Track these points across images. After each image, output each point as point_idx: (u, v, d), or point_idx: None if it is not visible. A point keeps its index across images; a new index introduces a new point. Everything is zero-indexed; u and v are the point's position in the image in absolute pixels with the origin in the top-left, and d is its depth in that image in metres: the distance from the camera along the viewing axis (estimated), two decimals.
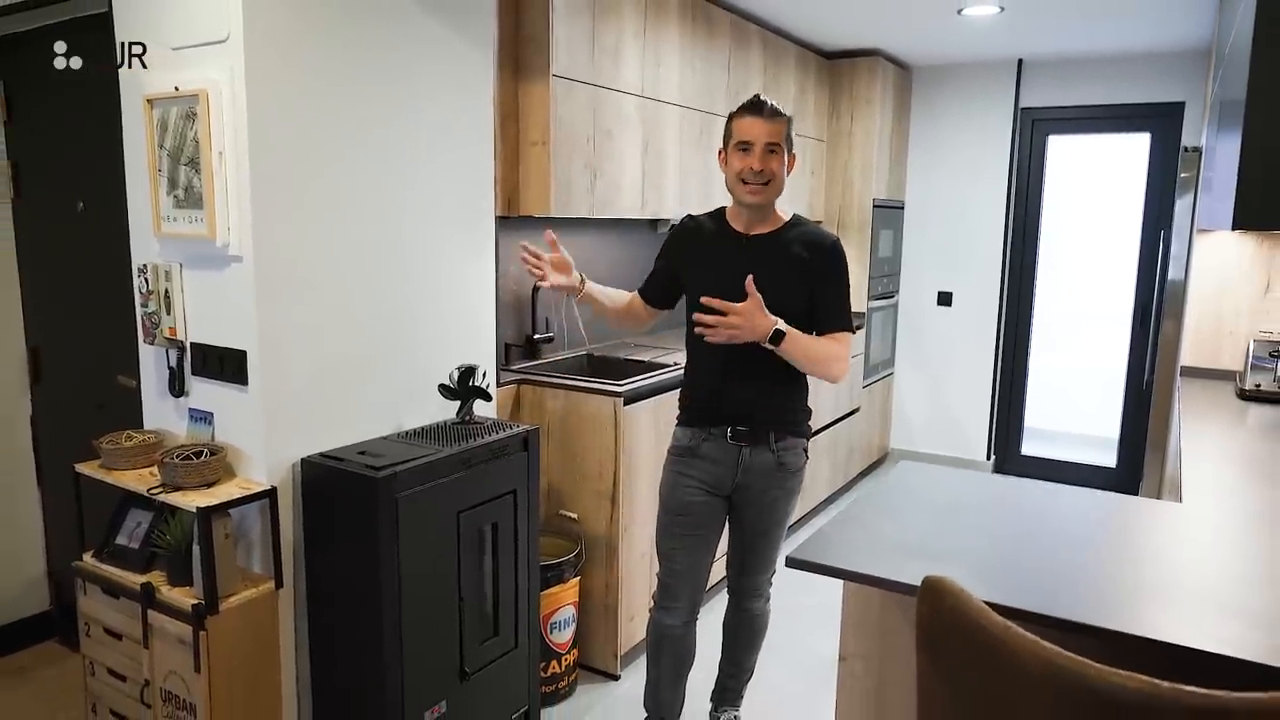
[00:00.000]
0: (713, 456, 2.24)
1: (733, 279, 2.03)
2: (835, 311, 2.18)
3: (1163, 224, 4.73)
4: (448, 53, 2.49)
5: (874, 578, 1.38)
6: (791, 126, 2.14)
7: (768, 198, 2.15)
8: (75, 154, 2.68)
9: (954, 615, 1.06)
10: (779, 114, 2.11)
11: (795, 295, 2.13)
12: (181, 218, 2.15)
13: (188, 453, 2.14)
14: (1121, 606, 1.30)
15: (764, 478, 2.24)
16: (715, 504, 2.29)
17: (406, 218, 2.43)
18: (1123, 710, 0.89)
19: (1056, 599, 1.30)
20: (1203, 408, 2.74)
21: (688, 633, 2.39)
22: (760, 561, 2.39)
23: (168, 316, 2.24)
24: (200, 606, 2.02)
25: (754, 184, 2.11)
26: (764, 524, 2.31)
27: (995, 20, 4.02)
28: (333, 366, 2.27)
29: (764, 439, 2.21)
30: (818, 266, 2.15)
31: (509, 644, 2.49)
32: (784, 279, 2.12)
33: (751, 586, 2.43)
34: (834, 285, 2.17)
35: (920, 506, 1.75)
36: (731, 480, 2.25)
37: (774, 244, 2.18)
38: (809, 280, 2.15)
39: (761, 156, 2.09)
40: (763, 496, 2.27)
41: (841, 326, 2.18)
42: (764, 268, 2.08)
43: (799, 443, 2.28)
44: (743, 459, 2.22)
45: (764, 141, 2.09)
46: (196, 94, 2.03)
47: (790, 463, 2.26)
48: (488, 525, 2.39)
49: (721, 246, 2.22)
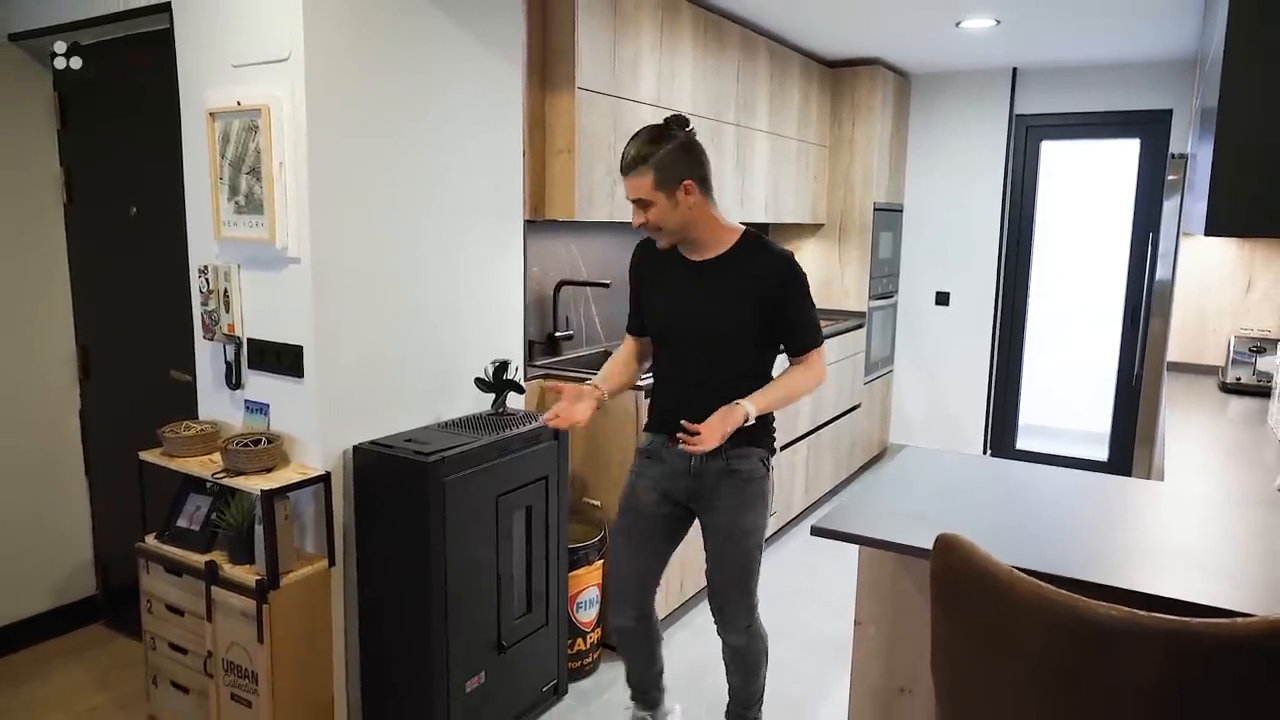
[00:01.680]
0: (670, 462, 2.22)
1: (683, 306, 2.15)
2: (800, 331, 2.15)
3: (1151, 227, 4.93)
4: (481, 67, 2.67)
5: (891, 543, 1.55)
6: (663, 166, 2.01)
7: (672, 240, 2.14)
8: (129, 161, 2.84)
9: (964, 565, 1.24)
10: (636, 164, 2.03)
11: (747, 317, 2.10)
12: (242, 222, 2.32)
13: (247, 440, 2.30)
14: (1109, 565, 1.48)
15: (717, 485, 2.18)
16: (669, 510, 2.26)
17: (444, 221, 2.60)
18: (1108, 636, 1.07)
19: (1051, 559, 1.48)
20: (1187, 400, 2.93)
21: (643, 626, 2.38)
22: (726, 584, 2.25)
23: (226, 314, 2.41)
24: (263, 582, 2.19)
25: (648, 232, 2.12)
26: (722, 537, 2.21)
27: (992, 31, 4.21)
28: (378, 360, 2.44)
29: (718, 448, 2.11)
30: (772, 292, 2.09)
31: (540, 621, 2.66)
32: (734, 304, 2.10)
33: (726, 616, 2.27)
34: (794, 305, 2.12)
35: (927, 484, 1.93)
36: (685, 487, 2.22)
37: (722, 269, 2.13)
38: (763, 304, 2.10)
39: (635, 213, 2.09)
40: (719, 503, 2.20)
41: (810, 345, 2.16)
42: (713, 293, 2.12)
43: (754, 452, 2.19)
44: (694, 467, 2.19)
45: (630, 198, 2.07)
46: (259, 108, 2.20)
47: (744, 470, 2.17)
48: (522, 509, 2.56)
49: (672, 273, 2.19)
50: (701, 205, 2.09)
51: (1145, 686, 1.06)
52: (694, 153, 2.07)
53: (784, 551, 4.12)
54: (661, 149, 2.02)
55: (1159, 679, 1.05)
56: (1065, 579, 1.40)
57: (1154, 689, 1.06)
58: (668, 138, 2.04)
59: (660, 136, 2.04)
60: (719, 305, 2.11)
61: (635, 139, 2.05)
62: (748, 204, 4.21)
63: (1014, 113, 5.24)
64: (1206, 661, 1.02)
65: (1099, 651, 1.08)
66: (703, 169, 2.08)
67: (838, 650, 3.18)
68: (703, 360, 2.16)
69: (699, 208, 2.09)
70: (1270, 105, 1.50)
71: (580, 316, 3.59)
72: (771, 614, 3.45)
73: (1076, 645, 1.10)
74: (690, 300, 2.15)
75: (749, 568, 2.24)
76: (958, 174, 5.40)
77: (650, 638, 2.42)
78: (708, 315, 2.13)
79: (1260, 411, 2.79)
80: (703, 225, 2.12)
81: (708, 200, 2.11)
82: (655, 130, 2.06)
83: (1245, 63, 1.57)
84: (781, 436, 4.08)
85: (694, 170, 2.06)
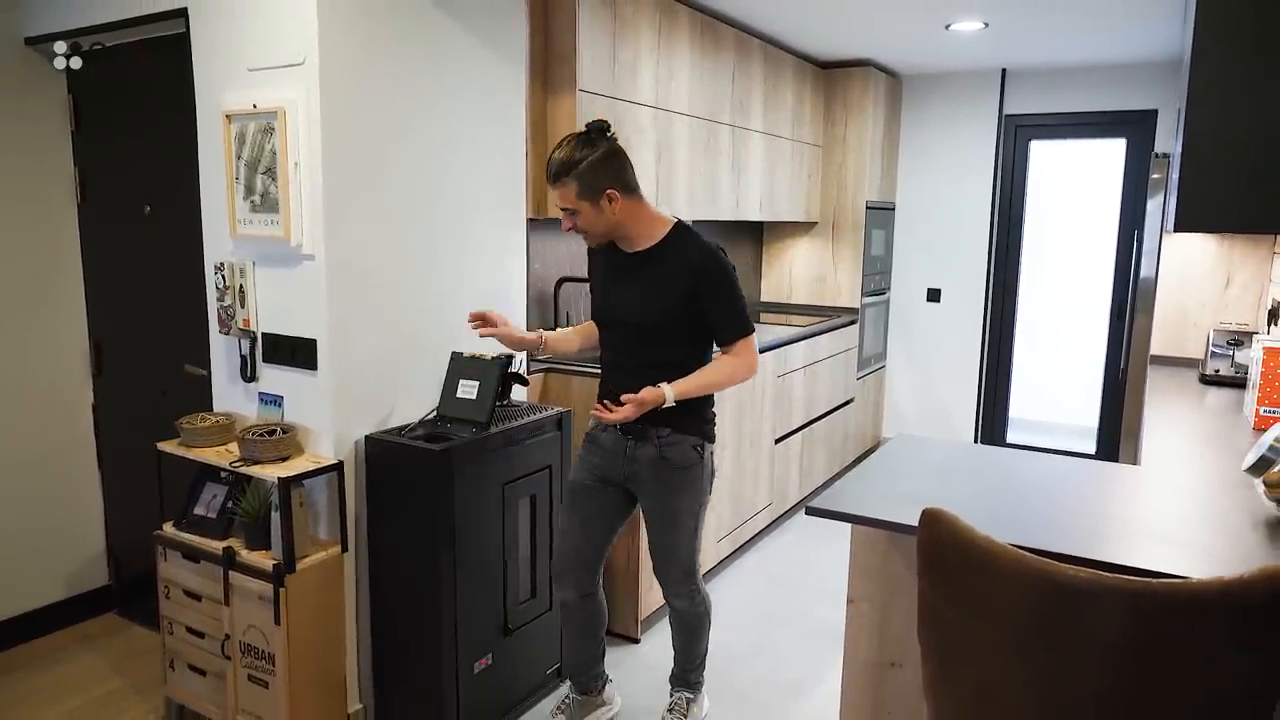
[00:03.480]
0: (607, 446, 2.34)
1: (618, 295, 2.28)
2: (726, 322, 2.23)
3: (1136, 225, 5.05)
4: (486, 70, 2.76)
5: (882, 520, 1.65)
6: (585, 177, 2.11)
7: (600, 242, 2.27)
8: (142, 162, 2.92)
9: (949, 536, 1.34)
10: (560, 175, 2.13)
11: (674, 306, 2.20)
12: (257, 220, 2.40)
13: (263, 431, 2.39)
14: (1084, 540, 1.58)
15: (650, 471, 2.29)
16: (605, 492, 2.38)
17: (450, 219, 2.69)
18: (1079, 597, 1.16)
19: (1032, 535, 1.57)
20: (1167, 390, 3.04)
21: (586, 604, 2.49)
22: (664, 558, 2.39)
23: (241, 309, 2.49)
24: (280, 566, 2.27)
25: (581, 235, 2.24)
26: (658, 519, 2.34)
27: (981, 34, 4.31)
28: (388, 353, 2.53)
29: (648, 435, 2.27)
30: (697, 285, 2.18)
31: (545, 605, 2.76)
32: (662, 294, 2.20)
33: (667, 583, 2.43)
34: (720, 296, 2.20)
35: (917, 469, 2.03)
36: (620, 471, 2.33)
37: (653, 260, 2.23)
38: (689, 295, 2.19)
39: (563, 219, 2.21)
40: (651, 489, 2.31)
41: (737, 335, 2.24)
42: (644, 283, 2.23)
43: (686, 439, 2.28)
44: (628, 450, 2.30)
45: (557, 205, 2.19)
46: (275, 111, 2.29)
47: (675, 458, 2.27)
48: (527, 497, 2.65)
49: (611, 263, 2.31)
50: (628, 207, 2.19)
51: (1113, 643, 1.16)
52: (616, 160, 2.16)
53: (781, 541, 4.22)
54: (584, 160, 2.11)
55: (1124, 636, 1.15)
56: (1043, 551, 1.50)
57: (1121, 645, 1.16)
58: (591, 147, 2.13)
59: (583, 146, 2.13)
60: (649, 295, 2.22)
61: (559, 148, 2.15)
62: (743, 203, 4.31)
63: (1003, 113, 5.35)
64: (1167, 618, 1.12)
65: (1070, 611, 1.18)
66: (624, 175, 2.17)
67: (834, 636, 3.27)
68: (636, 347, 2.27)
69: (625, 209, 2.18)
70: (1233, 104, 1.59)
71: (581, 313, 3.68)
72: (768, 602, 3.55)
73: (1050, 606, 1.20)
74: (624, 290, 2.27)
75: (685, 546, 2.37)
76: (948, 173, 5.51)
77: (592, 616, 2.52)
78: (639, 304, 2.23)
79: (1237, 401, 2.90)
80: (631, 224, 2.22)
81: (634, 199, 2.21)
82: (578, 139, 2.15)
83: (1211, 62, 1.65)
84: (777, 430, 4.19)
85: (617, 178, 2.16)
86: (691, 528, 2.37)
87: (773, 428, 4.14)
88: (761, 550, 4.11)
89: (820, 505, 1.72)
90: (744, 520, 3.93)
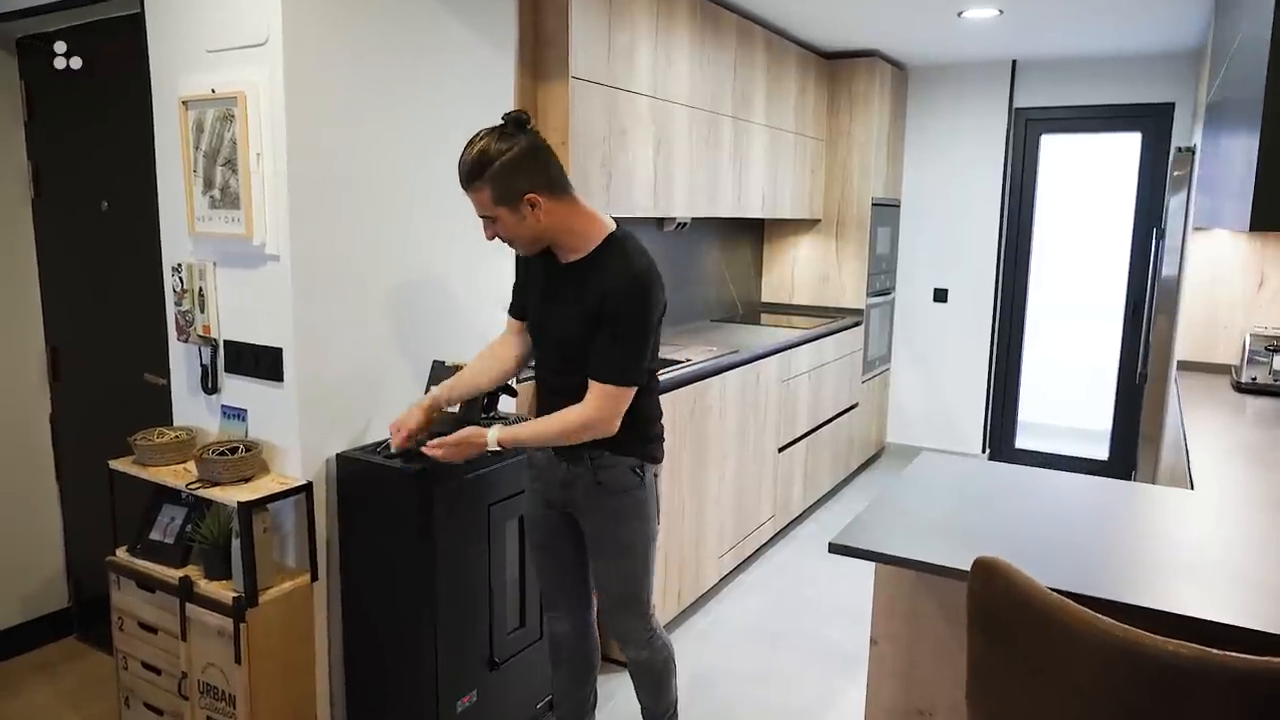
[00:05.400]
0: (542, 468, 2.10)
1: (544, 308, 2.00)
2: (604, 358, 1.88)
3: (1153, 222, 4.85)
4: (471, 55, 2.54)
5: (916, 561, 1.44)
6: (501, 180, 1.80)
7: (530, 250, 1.95)
8: (100, 153, 2.70)
9: (1007, 591, 1.13)
10: (472, 178, 1.82)
11: (577, 331, 1.91)
12: (217, 217, 2.19)
13: (224, 449, 2.18)
14: (1151, 583, 1.37)
15: (586, 497, 2.03)
16: (556, 518, 2.14)
17: (430, 215, 2.48)
18: (1175, 675, 0.96)
19: (1090, 577, 1.37)
20: (1201, 401, 2.84)
21: (581, 637, 2.24)
22: (613, 599, 2.09)
23: (201, 314, 2.28)
24: (241, 599, 2.06)
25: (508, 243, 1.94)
26: (602, 550, 2.07)
27: (994, 22, 4.11)
28: (363, 362, 2.31)
29: (579, 456, 2.00)
30: (601, 308, 1.87)
31: (534, 635, 2.55)
32: (580, 312, 1.90)
33: (619, 629, 2.13)
34: (609, 329, 1.87)
35: (945, 494, 1.82)
36: (559, 496, 2.09)
37: (577, 274, 1.93)
38: (596, 319, 1.89)
39: (485, 227, 1.90)
40: (590, 517, 2.06)
41: (606, 377, 1.88)
42: (569, 298, 1.94)
43: (622, 461, 2.00)
44: (563, 475, 2.05)
45: (478, 214, 1.88)
46: (234, 96, 2.07)
47: (610, 482, 2.00)
48: (515, 519, 2.44)
49: (542, 271, 2.02)
50: (557, 211, 1.87)
51: None
52: (539, 158, 1.84)
53: (785, 554, 4.02)
54: (498, 159, 1.79)
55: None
56: (1109, 602, 1.30)
57: None
58: (507, 143, 1.80)
59: (498, 142, 1.81)
60: (570, 310, 1.93)
61: (469, 146, 1.82)
62: (745, 199, 4.10)
63: (1013, 106, 5.15)
64: None
65: (1163, 691, 0.98)
66: (547, 175, 1.85)
67: (845, 659, 3.07)
68: (559, 365, 1.99)
69: (555, 213, 1.87)
70: None
71: None
72: (773, 620, 3.35)
73: (1137, 683, 0.99)
74: (549, 302, 1.98)
75: (632, 583, 2.08)
76: (956, 168, 5.31)
77: (586, 656, 2.26)
78: (560, 319, 1.96)
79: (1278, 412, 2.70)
80: (564, 230, 1.90)
81: (563, 202, 1.88)
82: (493, 134, 1.82)
83: None
84: (781, 438, 3.99)
85: (538, 179, 1.83)
86: (642, 562, 2.08)
87: (776, 436, 3.93)
88: (765, 565, 3.90)
89: (844, 541, 1.52)
90: (746, 534, 3.73)
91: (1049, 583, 1.33)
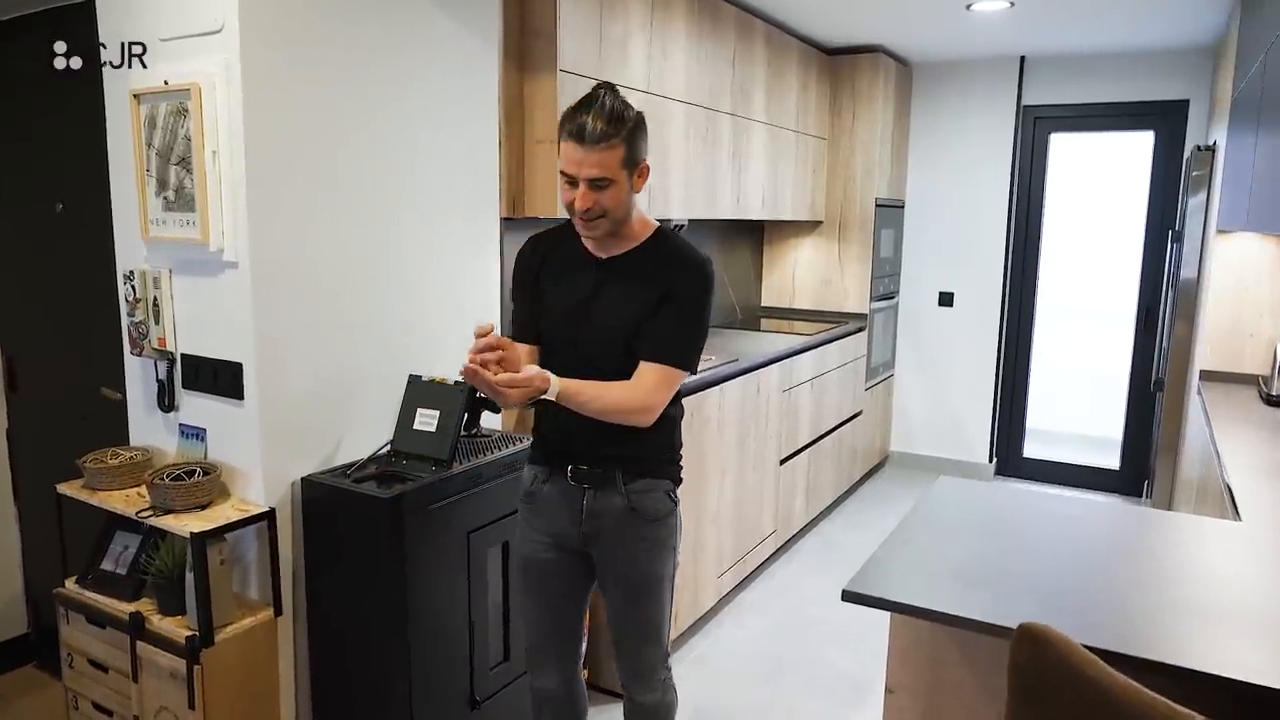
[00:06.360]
0: (553, 501, 1.84)
1: (584, 308, 1.78)
2: (660, 338, 1.73)
3: (1167, 223, 4.68)
4: (451, 45, 2.37)
5: (944, 614, 1.27)
6: (635, 138, 1.66)
7: (606, 231, 1.73)
8: (55, 151, 2.53)
9: (1058, 665, 0.96)
10: (610, 135, 1.62)
11: (635, 321, 1.75)
12: (171, 221, 2.01)
13: (179, 472, 2.00)
14: (1213, 644, 1.20)
15: (617, 527, 1.80)
16: (565, 560, 1.88)
17: (408, 218, 2.30)
18: None
19: (1141, 635, 1.20)
20: (1230, 414, 2.67)
21: (569, 692, 2.00)
22: (637, 641, 1.89)
23: (156, 326, 2.10)
24: (194, 639, 1.89)
25: (584, 221, 1.70)
26: (629, 586, 1.85)
27: (1004, 15, 3.93)
28: (333, 378, 2.13)
29: (610, 480, 1.79)
30: (666, 292, 1.73)
31: (519, 669, 2.37)
32: (633, 308, 1.74)
33: (634, 670, 1.91)
34: (673, 310, 1.73)
35: (968, 528, 1.65)
36: (577, 531, 1.83)
37: (630, 266, 1.77)
38: (657, 306, 1.74)
39: (584, 195, 1.65)
40: (619, 550, 1.82)
41: (663, 358, 1.73)
42: (613, 293, 1.76)
43: (659, 485, 1.82)
44: (586, 504, 1.80)
45: (588, 176, 1.64)
46: (188, 88, 1.90)
47: (647, 509, 1.80)
48: (498, 545, 2.26)
49: (572, 269, 1.81)
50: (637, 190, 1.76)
51: None
52: (647, 130, 1.72)
53: (786, 571, 3.84)
54: (630, 120, 1.65)
55: None
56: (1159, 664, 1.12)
57: None
58: (629, 107, 1.68)
59: (625, 105, 1.67)
60: (624, 303, 1.75)
61: (596, 105, 1.64)
62: (744, 200, 3.92)
63: (1021, 104, 4.97)
64: None
65: None
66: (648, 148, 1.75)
67: (853, 687, 2.89)
68: (602, 373, 1.74)
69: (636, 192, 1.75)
70: None
71: None
72: (775, 645, 3.17)
73: None
74: (594, 300, 1.77)
75: (661, 619, 1.89)
76: (962, 168, 5.13)
77: (574, 705, 2.03)
78: (614, 314, 1.75)
79: None
80: (629, 213, 1.76)
81: None
82: (610, 93, 1.67)
83: None
84: (783, 449, 3.81)
85: (647, 150, 1.72)
86: (668, 598, 1.90)
87: (778, 447, 3.76)
88: (765, 583, 3.72)
89: (860, 589, 1.34)
90: (747, 551, 3.55)
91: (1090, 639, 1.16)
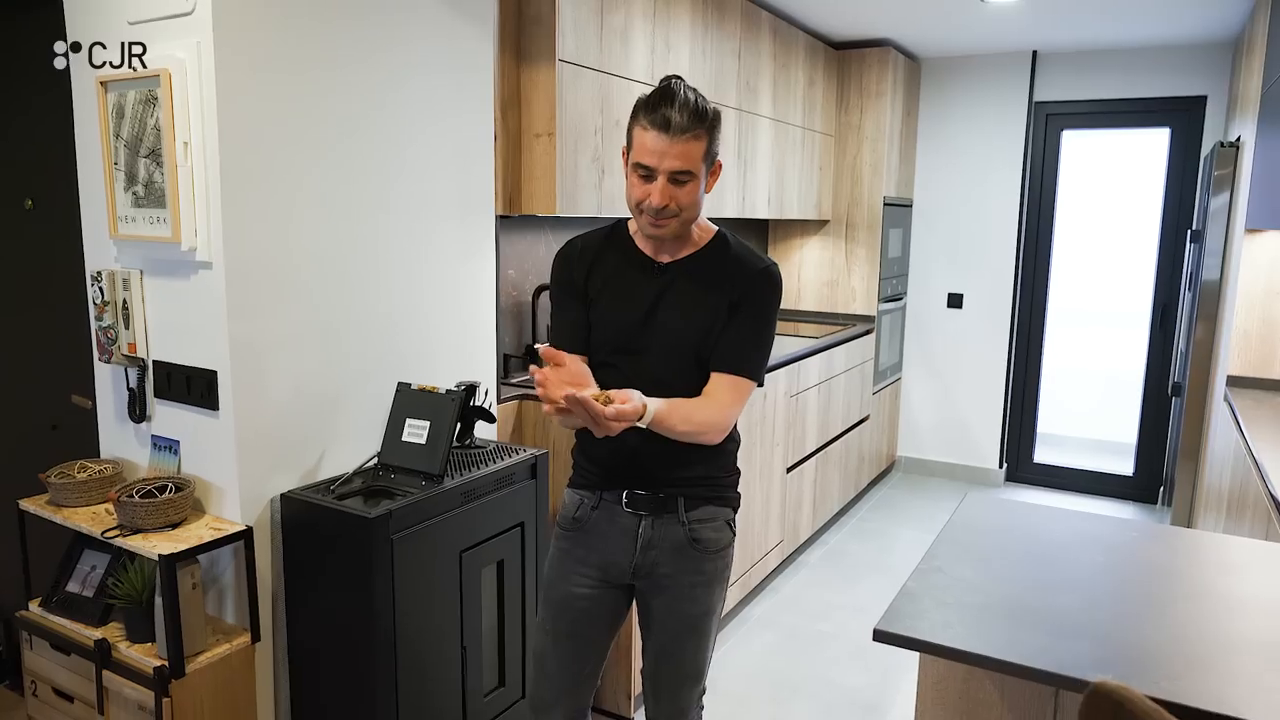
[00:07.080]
0: (602, 531, 1.69)
1: (643, 317, 1.64)
2: (738, 350, 1.62)
3: (1184, 223, 4.55)
4: (444, 31, 2.23)
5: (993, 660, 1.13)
6: (716, 131, 1.57)
7: (674, 231, 1.61)
8: (24, 143, 2.38)
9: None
10: (695, 126, 1.52)
11: (707, 327, 1.63)
12: (141, 218, 1.87)
13: (149, 488, 1.86)
14: None
15: (673, 559, 1.67)
16: (608, 597, 1.73)
17: (397, 216, 2.16)
18: None
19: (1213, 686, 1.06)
20: (1268, 424, 2.53)
21: None
22: (679, 676, 1.75)
23: (126, 331, 1.96)
24: (164, 669, 1.75)
25: (657, 218, 1.58)
26: (680, 623, 1.71)
27: (1017, 8, 3.80)
28: (315, 386, 1.99)
29: (670, 507, 1.66)
30: (738, 297, 1.63)
31: (515, 694, 2.23)
32: (701, 315, 1.63)
33: (669, 711, 1.78)
34: (747, 318, 1.63)
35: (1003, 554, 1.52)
36: (629, 562, 1.68)
37: (692, 271, 1.66)
38: (729, 311, 1.64)
39: (664, 190, 1.54)
40: (673, 584, 1.69)
41: (740, 370, 1.62)
42: (679, 301, 1.64)
43: (720, 514, 1.70)
44: (643, 534, 1.67)
45: (669, 170, 1.53)
46: (157, 74, 1.76)
47: (708, 540, 1.68)
48: (492, 565, 2.13)
49: (627, 275, 1.69)
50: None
51: None
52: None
53: (793, 583, 3.71)
54: (711, 113, 1.55)
55: None
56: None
57: None
58: (707, 100, 1.57)
59: (703, 98, 1.56)
60: (698, 314, 1.63)
61: (679, 95, 1.52)
62: (750, 199, 3.79)
63: (1033, 100, 4.84)
64: None
65: None
66: None
67: (865, 710, 2.76)
68: (662, 386, 1.59)
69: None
70: None
71: None
72: (783, 662, 3.03)
73: None
74: (658, 308, 1.64)
75: (706, 657, 1.77)
76: (972, 166, 4.99)
77: None
78: (682, 328, 1.63)
79: None
80: (697, 214, 1.65)
81: None
82: (691, 89, 1.56)
83: None
84: (790, 457, 3.68)
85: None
86: (715, 633, 1.77)
87: (785, 455, 3.62)
88: (772, 596, 3.59)
89: (891, 628, 1.20)
90: (753, 563, 3.41)
91: (1164, 692, 1.02)
